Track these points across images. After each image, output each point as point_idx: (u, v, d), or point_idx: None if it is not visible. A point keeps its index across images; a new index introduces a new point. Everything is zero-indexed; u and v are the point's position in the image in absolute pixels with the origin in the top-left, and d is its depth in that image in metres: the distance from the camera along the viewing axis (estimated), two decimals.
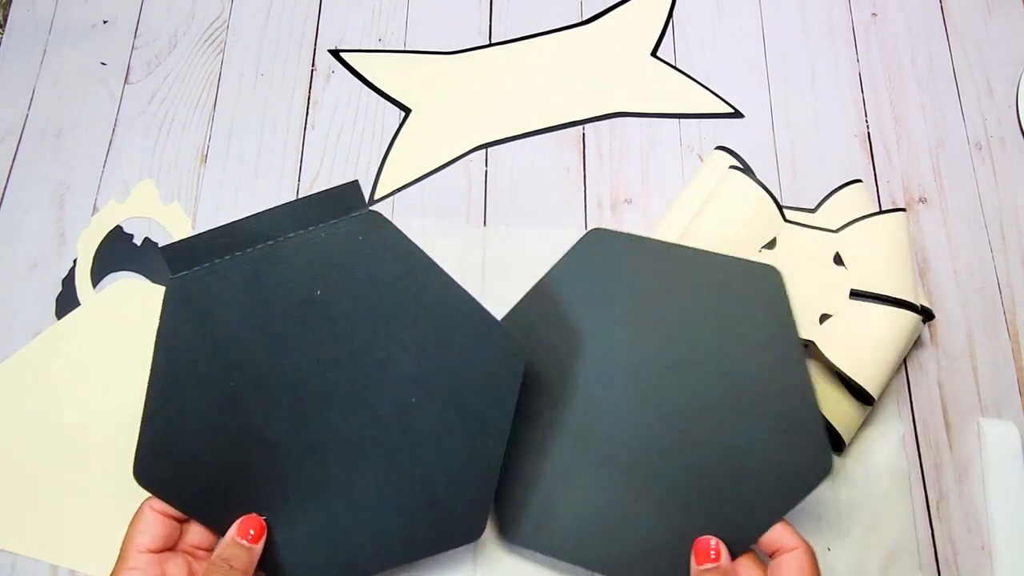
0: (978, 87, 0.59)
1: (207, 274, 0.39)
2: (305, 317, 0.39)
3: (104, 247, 0.53)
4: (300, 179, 0.55)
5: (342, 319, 0.40)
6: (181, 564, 0.39)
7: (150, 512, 0.39)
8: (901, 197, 0.55)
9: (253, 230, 0.40)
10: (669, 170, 0.56)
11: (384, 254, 0.40)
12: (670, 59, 0.59)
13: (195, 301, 0.39)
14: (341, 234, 0.40)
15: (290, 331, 0.39)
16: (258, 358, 0.39)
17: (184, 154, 0.56)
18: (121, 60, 0.59)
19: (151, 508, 0.39)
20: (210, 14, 0.60)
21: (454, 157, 0.56)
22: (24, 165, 0.55)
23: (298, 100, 0.58)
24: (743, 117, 0.58)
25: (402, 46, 0.60)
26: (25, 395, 0.49)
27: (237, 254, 0.39)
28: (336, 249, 0.40)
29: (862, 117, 0.58)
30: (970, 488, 0.48)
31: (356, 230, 0.40)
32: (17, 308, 0.52)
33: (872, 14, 0.61)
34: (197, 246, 0.39)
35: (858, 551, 0.47)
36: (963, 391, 0.51)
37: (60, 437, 0.48)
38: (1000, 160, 0.57)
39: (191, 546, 0.40)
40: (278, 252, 0.39)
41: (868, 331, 0.46)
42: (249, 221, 0.40)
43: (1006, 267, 0.54)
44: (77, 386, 0.49)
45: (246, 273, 0.39)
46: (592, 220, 0.54)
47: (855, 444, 0.49)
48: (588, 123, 0.57)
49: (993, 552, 0.47)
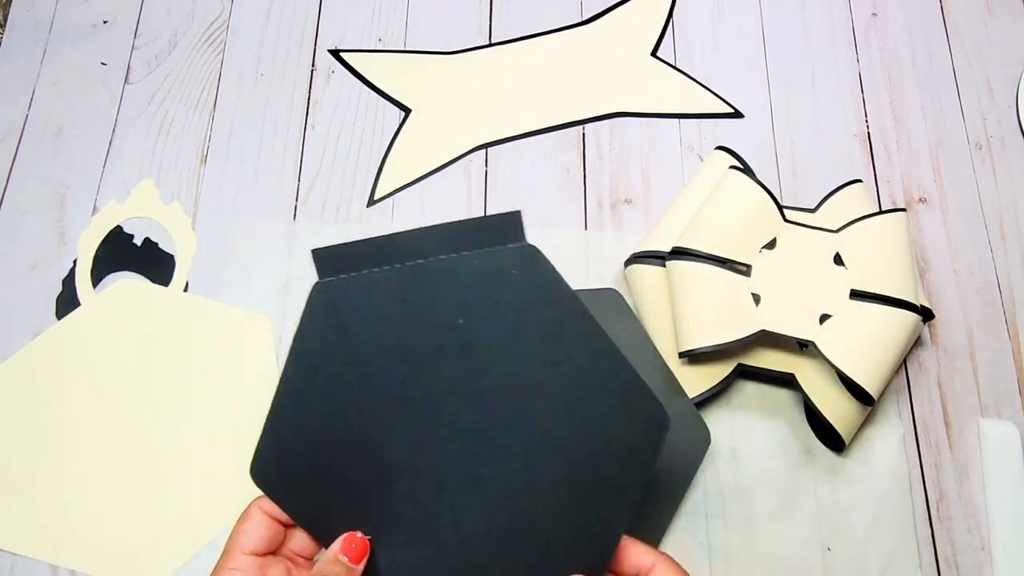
0: (978, 87, 0.59)
1: (353, 283, 0.38)
2: (444, 343, 0.38)
3: (104, 247, 0.53)
4: (300, 179, 0.55)
5: (481, 351, 0.38)
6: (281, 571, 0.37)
7: (258, 512, 0.37)
8: (901, 197, 0.55)
9: (405, 246, 0.38)
10: (669, 170, 0.56)
11: (535, 291, 0.38)
12: (670, 59, 0.59)
13: (337, 309, 0.38)
14: (494, 264, 0.37)
15: (426, 355, 0.38)
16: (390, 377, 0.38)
17: (184, 154, 0.56)
18: (121, 60, 0.59)
19: (259, 508, 0.37)
20: (210, 14, 0.60)
21: (454, 157, 0.56)
22: (24, 165, 0.55)
23: (298, 100, 0.58)
24: (743, 117, 0.58)
25: (402, 46, 0.60)
26: (25, 395, 0.49)
27: (386, 268, 0.38)
28: (486, 278, 0.38)
29: (862, 117, 0.58)
30: (970, 488, 0.48)
31: (510, 263, 0.38)
32: (17, 308, 0.52)
33: (872, 14, 0.61)
34: (346, 254, 0.38)
35: (858, 551, 0.47)
36: (963, 391, 0.51)
37: (60, 437, 0.48)
38: (1000, 160, 0.57)
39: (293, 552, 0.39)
40: (427, 272, 0.37)
41: (868, 331, 0.46)
42: (402, 236, 0.38)
43: (1006, 267, 0.54)
44: (77, 386, 0.49)
45: (392, 288, 0.38)
46: (592, 220, 0.54)
47: (855, 444, 0.49)
48: (588, 123, 0.57)
49: (993, 552, 0.47)
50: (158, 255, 0.53)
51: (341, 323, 0.38)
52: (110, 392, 0.49)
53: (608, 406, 0.37)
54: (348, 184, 0.55)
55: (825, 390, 0.47)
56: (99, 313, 0.51)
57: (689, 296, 0.47)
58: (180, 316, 0.51)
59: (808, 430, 0.49)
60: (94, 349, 0.50)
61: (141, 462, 0.48)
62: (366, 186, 0.55)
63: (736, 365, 0.48)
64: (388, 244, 0.38)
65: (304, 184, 0.55)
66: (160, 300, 0.52)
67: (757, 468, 0.48)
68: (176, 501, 0.47)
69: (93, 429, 0.48)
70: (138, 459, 0.48)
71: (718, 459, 0.48)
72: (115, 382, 0.49)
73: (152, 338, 0.51)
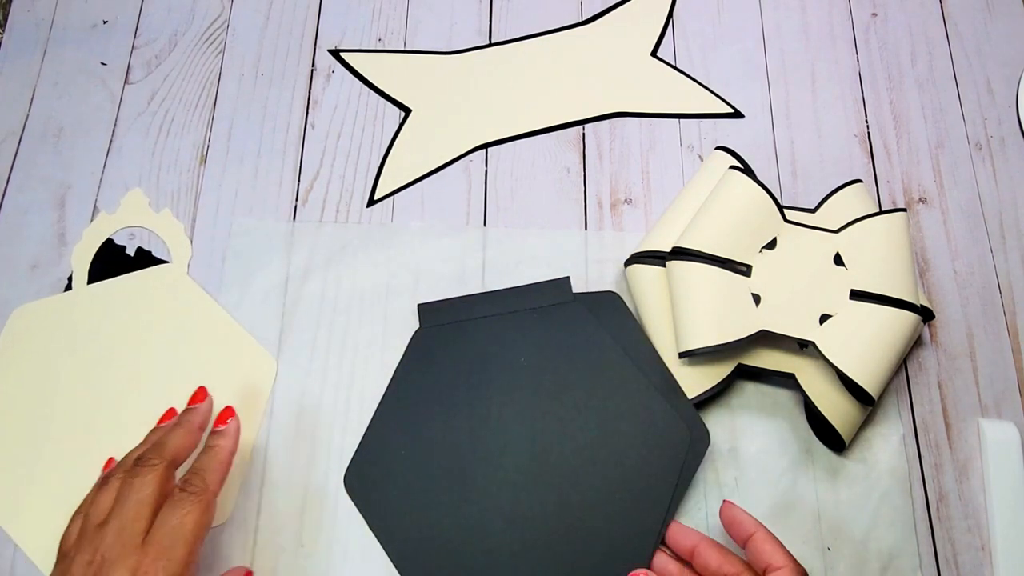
0: (978, 87, 0.59)
1: (445, 331, 0.50)
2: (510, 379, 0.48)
3: (98, 261, 0.53)
4: (300, 179, 0.55)
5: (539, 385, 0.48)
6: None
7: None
8: (901, 197, 0.55)
9: (485, 303, 0.50)
10: (669, 170, 0.56)
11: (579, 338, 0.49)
12: (670, 59, 0.59)
13: (430, 350, 0.49)
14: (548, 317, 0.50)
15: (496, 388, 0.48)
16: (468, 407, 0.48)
17: (184, 154, 0.56)
18: (121, 60, 0.59)
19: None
20: (210, 14, 0.60)
21: (454, 157, 0.56)
22: (24, 165, 0.55)
23: (298, 100, 0.58)
24: (743, 117, 0.58)
25: (402, 46, 0.60)
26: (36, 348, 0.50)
27: (468, 319, 0.50)
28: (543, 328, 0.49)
29: (862, 117, 0.58)
30: (970, 488, 0.48)
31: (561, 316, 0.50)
32: (17, 308, 0.52)
33: (872, 14, 0.61)
34: (444, 309, 0.50)
35: (858, 551, 0.47)
36: (963, 391, 0.51)
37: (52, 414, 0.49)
38: (1000, 160, 0.57)
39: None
40: (499, 323, 0.49)
41: (868, 331, 0.46)
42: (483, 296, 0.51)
43: (1006, 267, 0.54)
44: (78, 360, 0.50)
45: (473, 336, 0.49)
46: (592, 220, 0.54)
47: (855, 444, 0.49)
48: (588, 123, 0.57)
49: (993, 552, 0.47)
50: (153, 264, 0.53)
51: (430, 362, 0.49)
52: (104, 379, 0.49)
53: (643, 431, 0.47)
54: (348, 184, 0.55)
55: (825, 390, 0.47)
56: (125, 290, 0.52)
57: (689, 296, 0.47)
58: (198, 322, 0.51)
59: (808, 430, 0.49)
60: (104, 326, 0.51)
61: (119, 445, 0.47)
62: (366, 186, 0.55)
63: (736, 365, 0.48)
64: (472, 301, 0.50)
65: (304, 184, 0.55)
66: (187, 298, 0.52)
67: (757, 468, 0.48)
68: None
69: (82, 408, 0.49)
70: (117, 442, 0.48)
71: (718, 459, 0.48)
72: (111, 369, 0.50)
73: (163, 335, 0.51)
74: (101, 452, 0.47)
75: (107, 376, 0.50)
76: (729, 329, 0.46)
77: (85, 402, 0.49)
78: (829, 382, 0.47)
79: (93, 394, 0.49)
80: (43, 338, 0.50)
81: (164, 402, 0.48)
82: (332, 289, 0.52)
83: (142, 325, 0.51)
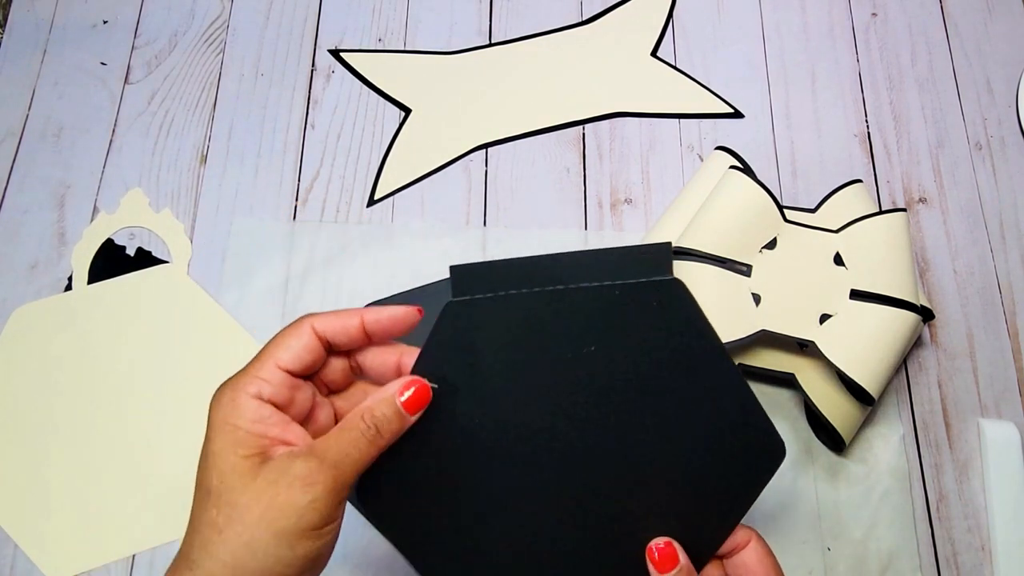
0: (978, 87, 0.59)
1: (487, 304, 0.36)
2: (569, 370, 0.37)
3: (98, 261, 0.53)
4: (300, 179, 0.55)
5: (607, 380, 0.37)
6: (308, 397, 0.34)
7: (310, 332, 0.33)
8: (901, 197, 0.55)
9: (545, 269, 0.36)
10: (669, 170, 0.56)
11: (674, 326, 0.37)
12: (670, 59, 0.59)
13: (467, 328, 0.36)
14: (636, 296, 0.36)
15: (550, 381, 0.37)
16: (509, 402, 0.37)
17: (184, 154, 0.56)
18: (121, 60, 0.59)
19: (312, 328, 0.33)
20: (210, 14, 0.60)
21: (454, 157, 0.56)
22: (24, 165, 0.55)
23: (298, 100, 0.58)
24: (743, 117, 0.58)
25: (402, 46, 0.60)
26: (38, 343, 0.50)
27: (523, 291, 0.36)
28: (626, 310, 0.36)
29: (862, 117, 0.58)
30: (970, 488, 0.48)
31: (652, 296, 0.36)
32: (17, 308, 0.52)
33: (872, 14, 0.61)
34: (484, 273, 0.36)
35: (858, 551, 0.47)
36: (963, 391, 0.51)
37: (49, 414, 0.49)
38: (1000, 160, 0.57)
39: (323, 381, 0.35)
40: (564, 299, 0.36)
41: (868, 331, 0.46)
42: (543, 259, 0.36)
43: (1006, 267, 0.54)
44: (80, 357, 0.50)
45: (526, 313, 0.36)
46: (592, 220, 0.54)
47: (855, 444, 0.49)
48: (588, 123, 0.57)
49: (993, 552, 0.47)
50: (153, 264, 0.53)
51: (468, 343, 0.36)
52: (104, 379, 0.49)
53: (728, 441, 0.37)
54: (348, 184, 0.55)
55: (825, 390, 0.47)
56: (125, 291, 0.52)
57: None
58: (198, 322, 0.51)
59: (808, 430, 0.49)
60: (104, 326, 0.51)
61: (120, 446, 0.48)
62: (366, 186, 0.55)
63: (736, 365, 0.48)
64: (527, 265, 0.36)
65: (304, 184, 0.55)
66: (187, 298, 0.52)
67: None
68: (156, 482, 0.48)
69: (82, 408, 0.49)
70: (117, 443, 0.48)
71: None
72: (111, 369, 0.50)
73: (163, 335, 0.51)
74: (101, 452, 0.47)
75: (107, 376, 0.50)
76: (729, 329, 0.46)
77: (85, 402, 0.49)
78: (829, 382, 0.47)
79: (93, 394, 0.49)
80: (43, 338, 0.50)
81: (164, 402, 0.48)
82: (332, 289, 0.52)
83: (142, 325, 0.51)
